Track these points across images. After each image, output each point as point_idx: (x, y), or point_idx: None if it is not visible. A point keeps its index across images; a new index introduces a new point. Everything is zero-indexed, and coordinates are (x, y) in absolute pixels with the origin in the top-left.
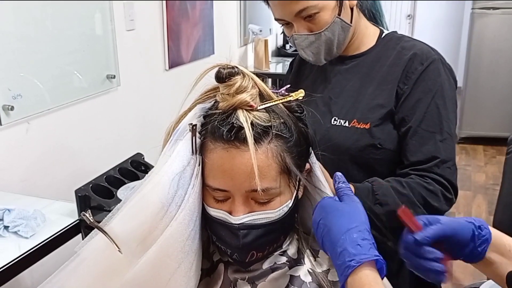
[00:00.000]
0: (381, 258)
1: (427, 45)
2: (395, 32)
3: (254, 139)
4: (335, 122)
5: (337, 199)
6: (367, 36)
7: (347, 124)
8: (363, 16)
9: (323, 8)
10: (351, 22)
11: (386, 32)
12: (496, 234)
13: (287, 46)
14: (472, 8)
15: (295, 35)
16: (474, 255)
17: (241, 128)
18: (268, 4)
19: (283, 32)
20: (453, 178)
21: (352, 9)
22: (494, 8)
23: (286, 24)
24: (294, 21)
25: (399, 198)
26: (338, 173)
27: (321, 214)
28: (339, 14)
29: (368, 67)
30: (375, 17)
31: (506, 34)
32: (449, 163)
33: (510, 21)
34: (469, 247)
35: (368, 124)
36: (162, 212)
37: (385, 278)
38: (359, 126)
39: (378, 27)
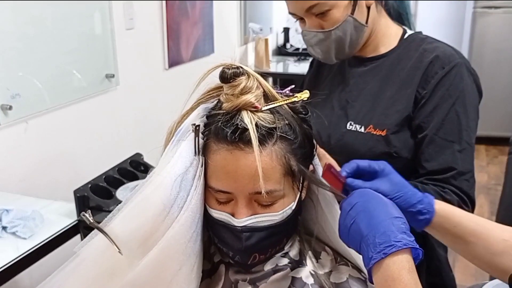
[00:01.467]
0: (422, 252)
1: (451, 47)
2: (420, 32)
3: (259, 141)
4: (351, 127)
5: None
6: (388, 36)
7: (362, 129)
8: (385, 15)
9: (335, 6)
10: (367, 22)
11: (409, 32)
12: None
13: (288, 45)
14: (474, 8)
15: (304, 31)
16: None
17: (245, 129)
18: None
19: (283, 31)
20: (471, 191)
21: (369, 8)
22: (495, 8)
23: (300, 19)
24: (306, 17)
25: None
26: None
27: (360, 197)
28: (352, 13)
29: (387, 70)
30: (401, 17)
31: (507, 33)
32: (467, 175)
33: (511, 20)
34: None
35: (385, 131)
36: (164, 213)
37: None
38: (375, 133)
39: (401, 26)
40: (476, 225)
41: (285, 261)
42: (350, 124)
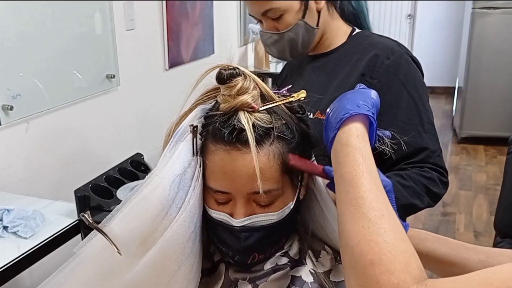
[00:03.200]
0: (373, 116)
1: (394, 40)
2: (366, 30)
3: (256, 141)
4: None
5: None
6: (338, 35)
7: (311, 115)
8: (338, 17)
9: (287, 11)
10: (317, 25)
11: (357, 30)
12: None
13: None
14: (473, 8)
15: (261, 32)
16: None
17: (242, 130)
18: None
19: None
20: (443, 163)
21: (319, 12)
22: (494, 8)
23: (259, 20)
24: (263, 19)
25: (405, 191)
26: None
27: (337, 99)
28: (303, 17)
29: (335, 63)
30: (355, 18)
31: (506, 34)
32: (438, 151)
33: (510, 21)
34: None
35: None
36: (162, 214)
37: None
38: (321, 118)
39: (351, 26)
40: (450, 250)
41: (284, 260)
42: None
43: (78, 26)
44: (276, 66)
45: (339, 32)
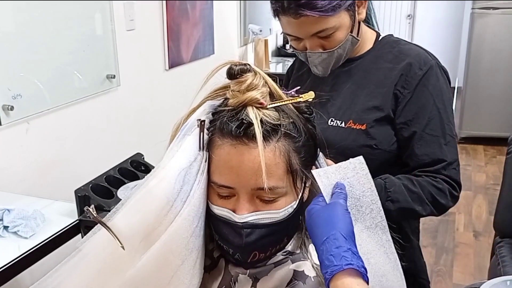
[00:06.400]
0: (354, 264)
1: (423, 49)
2: (391, 35)
3: (263, 137)
4: (332, 123)
5: (323, 200)
6: (365, 40)
7: (343, 125)
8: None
9: (340, 28)
10: (358, 35)
11: (382, 35)
12: None
13: (287, 46)
14: (472, 8)
15: (309, 53)
16: None
17: (250, 124)
18: (278, 18)
19: (283, 32)
20: (458, 177)
21: (359, 22)
22: (494, 8)
23: (296, 39)
24: (308, 39)
25: (409, 196)
26: None
27: (307, 221)
28: (351, 31)
29: (364, 70)
30: (366, 17)
31: (506, 34)
32: (454, 164)
33: (510, 21)
34: None
35: (364, 125)
36: (167, 207)
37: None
38: (355, 127)
39: (374, 30)
40: None
41: (286, 254)
42: (332, 121)
43: (78, 26)
44: (276, 67)
45: (366, 36)
